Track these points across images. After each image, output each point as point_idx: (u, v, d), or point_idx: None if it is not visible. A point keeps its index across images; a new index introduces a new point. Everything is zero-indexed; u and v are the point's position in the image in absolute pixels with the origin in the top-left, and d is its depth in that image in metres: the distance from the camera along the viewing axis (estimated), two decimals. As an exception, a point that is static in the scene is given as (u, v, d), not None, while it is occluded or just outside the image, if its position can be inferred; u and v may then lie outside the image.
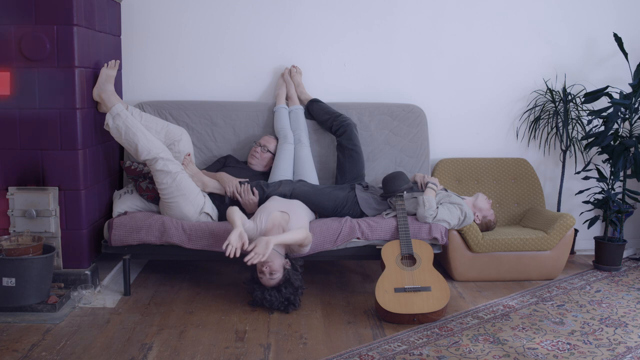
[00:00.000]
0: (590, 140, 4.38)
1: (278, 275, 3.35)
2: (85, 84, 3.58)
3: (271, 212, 3.55)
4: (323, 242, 3.59)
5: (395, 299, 3.30)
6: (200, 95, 4.41)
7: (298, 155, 4.09)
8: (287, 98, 4.34)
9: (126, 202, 3.80)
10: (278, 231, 3.45)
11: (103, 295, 3.63)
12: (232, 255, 3.21)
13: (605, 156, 4.44)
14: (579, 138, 4.51)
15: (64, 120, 3.47)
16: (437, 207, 3.71)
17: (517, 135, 4.60)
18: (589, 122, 4.44)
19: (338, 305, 3.58)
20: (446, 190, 4.00)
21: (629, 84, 4.23)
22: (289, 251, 3.51)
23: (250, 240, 3.50)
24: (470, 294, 3.78)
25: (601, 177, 4.33)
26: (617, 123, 4.27)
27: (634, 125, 4.29)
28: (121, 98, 4.05)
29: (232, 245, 3.21)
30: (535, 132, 4.57)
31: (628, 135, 4.27)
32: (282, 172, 3.99)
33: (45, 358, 2.85)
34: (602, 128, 4.35)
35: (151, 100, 4.31)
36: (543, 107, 4.52)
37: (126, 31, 4.31)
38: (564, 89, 4.43)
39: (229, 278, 4.01)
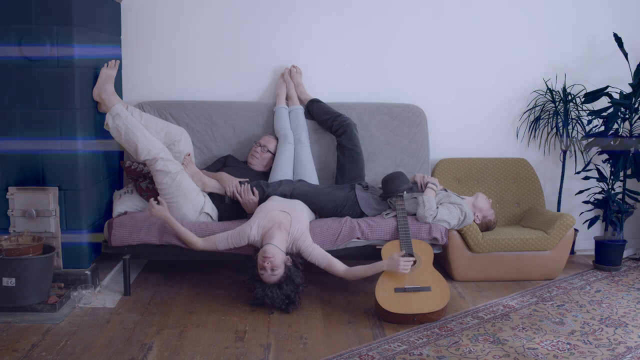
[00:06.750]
0: (590, 140, 4.38)
1: (279, 272, 3.35)
2: (85, 84, 3.58)
3: (269, 212, 3.56)
4: (323, 242, 3.59)
5: (395, 299, 3.30)
6: (200, 95, 4.41)
7: (298, 155, 4.09)
8: (287, 98, 4.34)
9: (126, 202, 3.80)
10: (278, 230, 3.45)
11: (103, 295, 3.63)
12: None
13: (605, 156, 4.44)
14: (579, 138, 4.51)
15: (64, 120, 3.46)
16: (437, 207, 3.71)
17: (517, 135, 4.60)
18: (589, 122, 4.44)
19: (338, 305, 3.58)
20: (446, 190, 4.00)
21: (629, 84, 4.23)
22: (296, 250, 3.51)
23: (245, 248, 3.55)
24: (470, 294, 3.78)
25: (601, 177, 4.33)
26: (617, 123, 4.27)
27: (634, 125, 4.29)
28: (121, 98, 4.05)
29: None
30: (535, 132, 4.57)
31: (628, 135, 4.27)
32: (282, 172, 3.99)
33: (45, 358, 2.85)
34: (602, 128, 4.35)
35: (151, 100, 4.31)
36: (543, 107, 4.52)
37: (126, 31, 4.31)
38: (564, 89, 4.43)
39: (229, 278, 4.01)
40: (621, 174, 4.29)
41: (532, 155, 4.62)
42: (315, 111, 4.28)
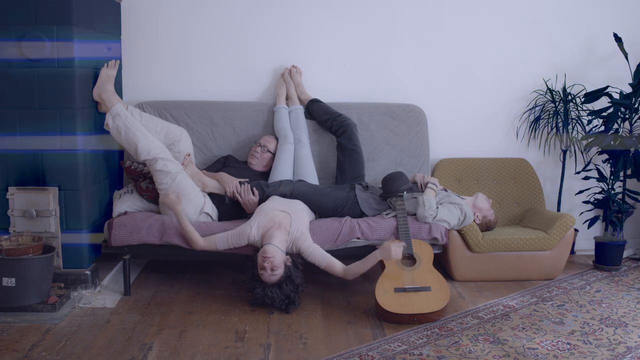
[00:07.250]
0: (590, 140, 4.38)
1: (279, 272, 3.35)
2: (85, 84, 3.58)
3: (269, 212, 3.56)
4: (323, 242, 3.59)
5: (395, 299, 3.30)
6: (200, 95, 4.41)
7: (298, 155, 4.09)
8: (287, 98, 4.34)
9: (126, 202, 3.80)
10: (278, 230, 3.45)
11: (103, 295, 3.63)
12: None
13: (605, 156, 4.44)
14: (579, 138, 4.51)
15: (64, 120, 3.46)
16: (437, 207, 3.71)
17: (517, 135, 4.60)
18: (589, 122, 4.44)
19: (338, 305, 3.58)
20: (446, 190, 4.00)
21: (629, 84, 4.23)
22: (296, 250, 3.50)
23: (245, 247, 3.55)
24: (470, 294, 3.78)
25: (601, 177, 4.33)
26: (617, 123, 4.27)
27: (634, 125, 4.29)
28: (121, 98, 4.05)
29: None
30: (535, 132, 4.57)
31: (628, 135, 4.27)
32: (282, 172, 3.99)
33: (45, 358, 2.85)
34: (602, 128, 4.35)
35: (151, 100, 4.31)
36: (543, 107, 4.52)
37: (126, 31, 4.31)
38: (564, 89, 4.43)
39: (228, 278, 4.01)
40: (621, 174, 4.29)
41: (532, 155, 4.62)
42: (315, 111, 4.28)
